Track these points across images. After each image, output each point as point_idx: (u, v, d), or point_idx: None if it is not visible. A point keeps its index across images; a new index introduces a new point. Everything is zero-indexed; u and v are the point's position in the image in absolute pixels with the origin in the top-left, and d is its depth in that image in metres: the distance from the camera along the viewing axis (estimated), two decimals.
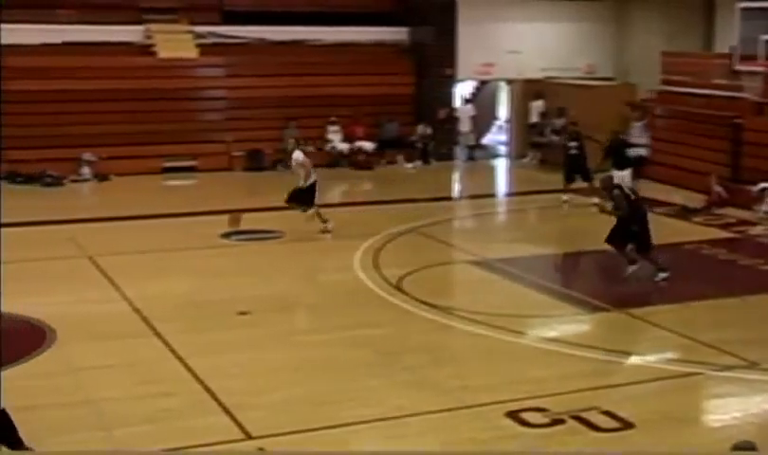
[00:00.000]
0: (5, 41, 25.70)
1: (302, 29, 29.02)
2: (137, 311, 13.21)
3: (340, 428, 9.38)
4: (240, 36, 28.57)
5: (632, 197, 15.30)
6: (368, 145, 27.65)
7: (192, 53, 27.80)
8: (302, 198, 18.30)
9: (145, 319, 12.80)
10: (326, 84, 28.10)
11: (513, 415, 9.63)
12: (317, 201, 18.43)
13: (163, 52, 27.44)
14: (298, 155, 18.64)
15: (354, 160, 27.37)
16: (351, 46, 29.42)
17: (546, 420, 9.59)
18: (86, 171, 24.88)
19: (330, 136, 27.61)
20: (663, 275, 14.86)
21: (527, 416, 9.64)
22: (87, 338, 12.07)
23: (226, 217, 18.09)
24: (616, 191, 15.23)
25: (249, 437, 9.10)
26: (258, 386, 10.46)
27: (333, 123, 27.62)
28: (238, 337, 12.22)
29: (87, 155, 24.89)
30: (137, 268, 15.77)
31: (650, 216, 15.42)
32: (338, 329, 12.55)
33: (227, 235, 17.88)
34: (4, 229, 15.64)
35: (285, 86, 27.76)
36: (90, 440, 9.08)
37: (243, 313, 13.08)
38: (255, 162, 26.77)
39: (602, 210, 15.88)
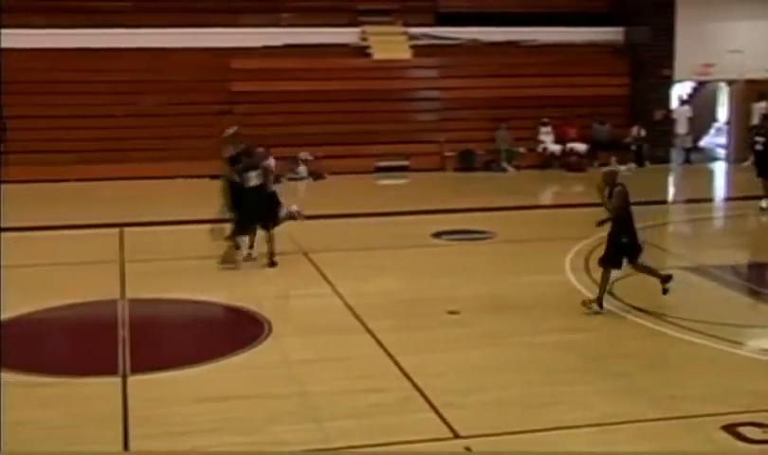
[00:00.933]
0: (233, 44, 26.93)
1: (515, 30, 28.95)
2: (349, 307, 13.49)
3: (548, 432, 9.28)
4: (453, 37, 28.75)
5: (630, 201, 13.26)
6: (580, 146, 27.31)
7: (406, 54, 28.20)
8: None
9: (357, 315, 13.05)
10: (538, 85, 27.95)
11: (730, 429, 9.23)
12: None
13: (378, 53, 27.95)
14: (271, 163, 16.82)
15: (566, 162, 27.10)
16: (564, 47, 29.14)
17: (767, 437, 9.18)
18: (302, 169, 25.65)
19: (542, 138, 27.43)
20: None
21: (745, 431, 9.21)
22: (302, 332, 12.42)
23: (431, 217, 18.22)
24: (620, 188, 13.15)
25: (457, 436, 9.12)
26: (466, 385, 10.47)
27: (545, 124, 27.42)
28: (447, 336, 12.28)
29: (303, 154, 25.67)
30: (350, 265, 16.12)
31: None
32: (546, 331, 12.42)
33: (438, 235, 18.04)
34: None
35: (498, 87, 27.77)
36: (301, 431, 9.29)
37: (452, 312, 13.15)
38: (466, 162, 26.89)
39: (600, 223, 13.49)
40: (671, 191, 26.64)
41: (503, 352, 11.70)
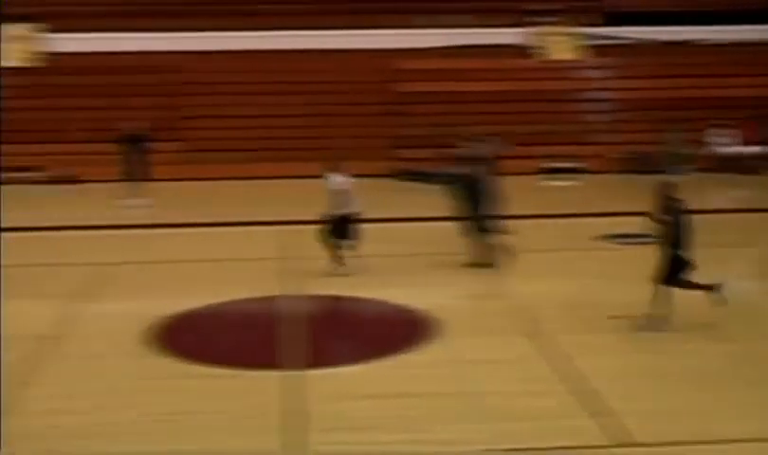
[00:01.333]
0: (400, 45, 27.17)
1: (687, 29, 28.29)
2: (519, 309, 13.44)
3: (717, 445, 8.97)
4: (623, 37, 28.27)
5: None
6: (755, 149, 26.41)
7: (574, 55, 27.86)
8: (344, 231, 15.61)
9: (527, 318, 12.99)
10: (711, 86, 27.22)
11: None
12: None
13: (546, 54, 27.73)
14: (340, 180, 15.80)
15: (740, 165, 26.24)
16: (739, 46, 28.27)
17: None
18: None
19: (715, 140, 26.62)
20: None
21: None
22: (472, 333, 12.41)
23: (602, 220, 17.91)
24: (677, 204, 12.33)
25: (629, 444, 8.94)
26: (632, 392, 10.27)
27: (719, 126, 26.59)
28: (615, 341, 12.08)
29: None
30: (521, 267, 15.99)
31: None
32: (718, 340, 12.09)
33: (608, 237, 17.74)
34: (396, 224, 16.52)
35: (669, 88, 27.14)
36: (466, 431, 9.29)
37: (623, 317, 12.86)
38: (638, 165, 26.34)
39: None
40: None
41: (670, 359, 11.42)
